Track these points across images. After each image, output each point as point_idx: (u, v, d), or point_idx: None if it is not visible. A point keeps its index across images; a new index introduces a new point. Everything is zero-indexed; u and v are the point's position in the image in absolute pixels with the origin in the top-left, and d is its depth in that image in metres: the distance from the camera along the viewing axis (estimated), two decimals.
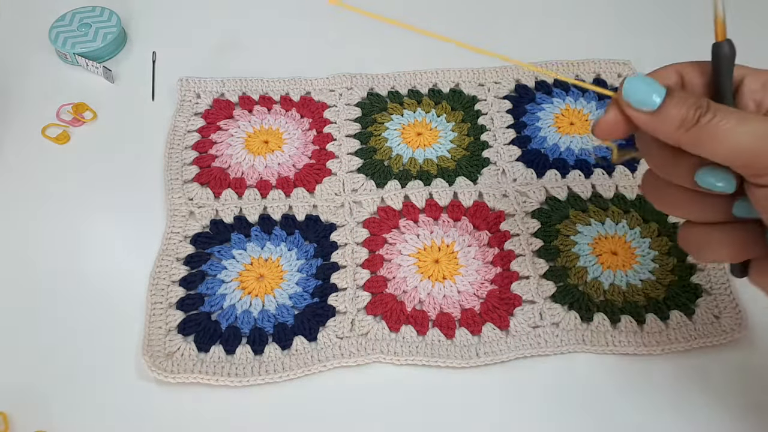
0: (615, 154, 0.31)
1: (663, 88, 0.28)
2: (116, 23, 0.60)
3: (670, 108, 0.27)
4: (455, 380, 0.41)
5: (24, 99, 0.56)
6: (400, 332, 0.42)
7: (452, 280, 0.45)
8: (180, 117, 0.54)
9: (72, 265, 0.46)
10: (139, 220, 0.48)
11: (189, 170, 0.51)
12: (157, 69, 0.59)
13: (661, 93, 0.27)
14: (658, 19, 0.65)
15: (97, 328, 0.43)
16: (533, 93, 0.57)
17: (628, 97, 0.28)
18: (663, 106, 0.27)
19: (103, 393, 0.40)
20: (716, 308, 0.43)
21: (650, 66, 0.59)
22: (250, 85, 0.57)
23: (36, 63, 0.59)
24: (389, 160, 0.52)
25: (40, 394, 0.40)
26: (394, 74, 0.58)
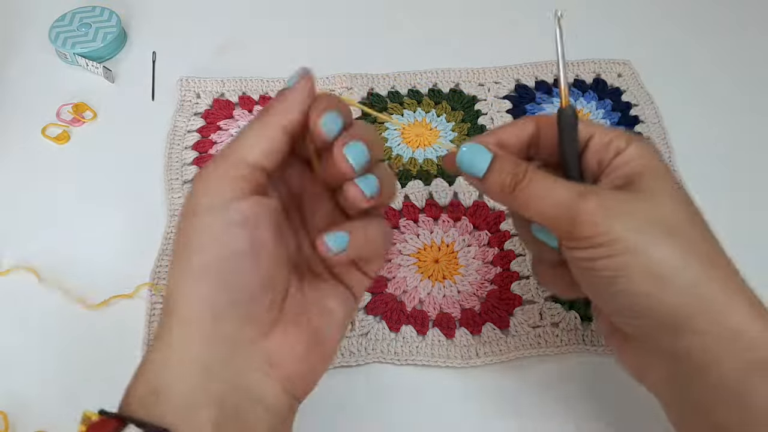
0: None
1: (489, 156, 0.30)
2: (116, 23, 0.60)
3: (492, 176, 0.30)
4: (455, 380, 0.41)
5: (24, 99, 0.56)
6: (400, 332, 0.42)
7: (452, 280, 0.45)
8: (180, 117, 0.54)
9: (72, 265, 0.46)
10: (139, 220, 0.48)
11: (189, 170, 0.51)
12: (157, 69, 0.59)
13: (486, 161, 0.30)
14: (658, 19, 0.65)
15: (98, 328, 0.43)
16: (533, 93, 0.57)
17: (460, 164, 0.31)
18: (486, 173, 0.30)
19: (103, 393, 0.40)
20: None
21: (650, 66, 0.60)
22: (250, 85, 0.57)
23: (36, 63, 0.59)
24: (389, 160, 0.52)
25: (40, 394, 0.40)
26: (394, 74, 0.58)
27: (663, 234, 0.28)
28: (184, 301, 0.27)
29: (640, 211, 0.28)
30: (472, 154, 0.31)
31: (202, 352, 0.26)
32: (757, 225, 0.49)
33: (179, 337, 0.26)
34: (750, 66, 0.60)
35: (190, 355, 0.26)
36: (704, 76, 0.59)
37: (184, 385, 0.26)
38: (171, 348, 0.26)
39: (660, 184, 0.29)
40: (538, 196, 0.29)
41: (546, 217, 0.29)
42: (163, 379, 0.26)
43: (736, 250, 0.46)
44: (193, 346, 0.26)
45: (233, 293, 0.27)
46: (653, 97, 0.56)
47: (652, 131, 0.54)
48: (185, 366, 0.26)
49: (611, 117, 0.55)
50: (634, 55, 0.60)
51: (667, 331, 0.28)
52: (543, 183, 0.29)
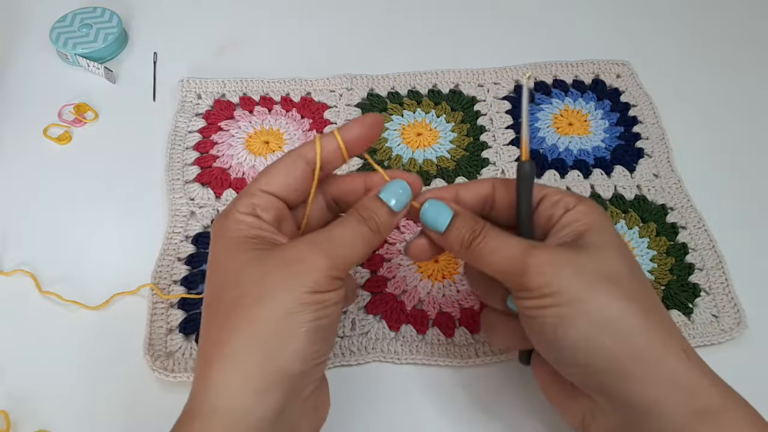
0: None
1: (450, 213, 0.33)
2: (117, 24, 0.60)
3: (452, 232, 0.33)
4: (455, 379, 0.41)
5: (25, 99, 0.57)
6: (400, 332, 0.43)
7: (452, 280, 0.45)
8: (181, 117, 0.54)
9: (73, 265, 0.46)
10: (140, 220, 0.49)
11: (190, 170, 0.51)
12: (158, 69, 0.59)
13: (448, 218, 0.33)
14: (657, 19, 0.65)
15: (98, 328, 0.43)
16: (532, 93, 0.57)
17: (424, 220, 0.33)
18: (447, 229, 0.33)
19: (104, 392, 0.40)
20: (715, 308, 0.44)
21: (649, 66, 0.60)
22: (250, 85, 0.57)
23: (37, 64, 0.59)
24: (389, 160, 0.52)
25: (40, 394, 0.40)
26: (394, 75, 0.58)
27: (604, 285, 0.29)
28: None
29: (584, 264, 0.30)
30: (435, 211, 0.33)
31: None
32: (756, 225, 0.49)
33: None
34: (749, 66, 0.60)
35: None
36: (703, 76, 0.59)
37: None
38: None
39: (604, 239, 0.31)
40: (492, 251, 0.31)
41: (498, 270, 0.31)
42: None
43: (735, 250, 0.46)
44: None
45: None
46: (652, 97, 0.56)
47: (651, 131, 0.54)
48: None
49: (610, 117, 0.55)
50: (633, 55, 0.60)
51: (608, 376, 0.29)
52: (497, 239, 0.32)
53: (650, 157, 0.52)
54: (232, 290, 0.29)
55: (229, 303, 0.28)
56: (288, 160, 0.32)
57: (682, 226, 0.48)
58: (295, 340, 0.28)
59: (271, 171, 0.32)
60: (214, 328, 0.29)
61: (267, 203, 0.31)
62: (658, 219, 0.48)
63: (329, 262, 0.29)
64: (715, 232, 0.47)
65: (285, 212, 0.32)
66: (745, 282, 0.45)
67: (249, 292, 0.28)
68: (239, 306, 0.28)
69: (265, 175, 0.32)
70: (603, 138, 0.54)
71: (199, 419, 0.27)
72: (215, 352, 0.28)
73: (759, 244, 0.48)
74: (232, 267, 0.29)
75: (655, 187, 0.50)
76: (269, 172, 0.32)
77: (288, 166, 0.32)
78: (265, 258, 0.29)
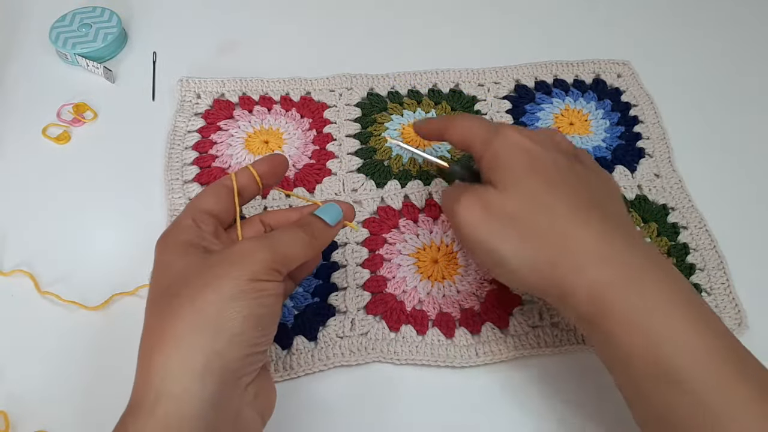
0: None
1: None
2: (116, 23, 0.60)
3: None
4: (455, 380, 0.41)
5: (24, 99, 0.56)
6: (400, 332, 0.42)
7: (452, 280, 0.45)
8: (180, 117, 0.54)
9: (72, 265, 0.46)
10: (139, 220, 0.48)
11: (189, 170, 0.51)
12: (157, 69, 0.59)
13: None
14: (658, 19, 0.65)
15: (98, 329, 0.43)
16: (533, 93, 0.57)
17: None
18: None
19: (103, 393, 0.40)
20: (716, 308, 0.44)
21: (650, 66, 0.60)
22: (250, 85, 0.57)
23: (36, 63, 0.59)
24: (389, 160, 0.52)
25: (39, 395, 0.40)
26: (394, 74, 0.58)
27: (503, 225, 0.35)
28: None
29: (492, 201, 0.36)
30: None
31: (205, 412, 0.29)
32: (757, 225, 0.49)
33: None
34: (749, 66, 0.60)
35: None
36: (704, 76, 0.59)
37: None
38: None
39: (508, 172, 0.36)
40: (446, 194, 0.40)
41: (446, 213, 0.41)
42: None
43: (736, 250, 0.46)
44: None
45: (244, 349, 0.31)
46: (653, 97, 0.56)
47: (652, 131, 0.54)
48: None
49: (611, 117, 0.55)
50: (633, 55, 0.60)
51: (554, 303, 0.35)
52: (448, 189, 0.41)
53: (651, 157, 0.52)
54: (176, 285, 0.31)
55: (172, 295, 0.31)
56: (213, 187, 0.37)
57: (683, 227, 0.48)
58: (234, 325, 0.30)
59: (201, 196, 0.36)
60: (157, 318, 0.31)
61: (205, 218, 0.35)
62: (659, 219, 0.48)
63: (270, 255, 0.32)
64: (716, 232, 0.47)
65: (220, 228, 0.36)
66: (746, 283, 0.45)
67: (193, 282, 0.31)
68: (182, 295, 0.30)
69: (197, 199, 0.36)
70: (604, 138, 0.54)
71: (144, 407, 0.29)
72: (157, 340, 0.30)
73: (760, 245, 0.48)
74: (178, 266, 0.32)
75: (656, 187, 0.50)
76: (200, 197, 0.36)
77: (214, 192, 0.36)
78: (210, 256, 0.32)
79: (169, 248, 0.33)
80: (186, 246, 0.33)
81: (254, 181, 0.38)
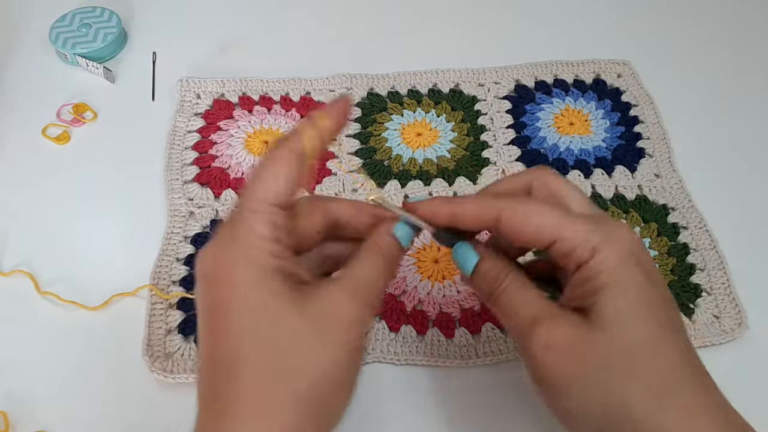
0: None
1: (474, 258, 0.31)
2: (116, 23, 0.60)
3: (476, 277, 0.31)
4: (455, 380, 0.41)
5: (24, 99, 0.56)
6: (400, 332, 0.42)
7: (452, 280, 0.45)
8: (180, 117, 0.54)
9: (72, 265, 0.46)
10: (139, 221, 0.48)
11: (189, 170, 0.51)
12: (157, 69, 0.59)
13: (472, 262, 0.31)
14: (658, 19, 0.65)
15: (97, 329, 0.43)
16: (533, 93, 0.57)
17: (455, 260, 0.32)
18: (473, 274, 0.31)
19: (103, 393, 0.40)
20: (716, 308, 0.43)
21: (650, 66, 0.60)
22: (250, 85, 0.57)
23: (36, 63, 0.59)
24: (389, 160, 0.52)
25: (40, 395, 0.40)
26: (394, 74, 0.58)
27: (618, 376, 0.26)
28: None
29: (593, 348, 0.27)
30: (462, 255, 0.32)
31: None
32: (757, 225, 0.49)
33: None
34: (750, 66, 0.60)
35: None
36: (704, 76, 0.59)
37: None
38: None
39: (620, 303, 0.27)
40: (508, 306, 0.30)
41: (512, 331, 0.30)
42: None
43: (736, 250, 0.46)
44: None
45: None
46: (653, 97, 0.56)
47: (652, 131, 0.54)
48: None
49: (611, 117, 0.55)
50: (634, 55, 0.60)
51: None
52: (516, 295, 0.29)
53: (651, 157, 0.52)
54: (267, 337, 0.25)
55: (265, 352, 0.25)
56: (281, 158, 0.27)
57: (683, 227, 0.48)
58: (333, 398, 0.26)
59: (272, 174, 0.27)
60: (245, 377, 0.25)
61: (281, 220, 0.27)
62: (659, 219, 0.48)
63: (365, 313, 0.27)
64: (717, 232, 0.47)
65: (289, 226, 0.28)
66: (746, 282, 0.45)
67: (289, 345, 0.25)
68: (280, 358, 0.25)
69: (270, 179, 0.26)
70: (604, 138, 0.54)
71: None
72: (250, 405, 0.24)
73: (760, 245, 0.48)
74: (265, 310, 0.25)
75: (656, 187, 0.50)
76: (273, 175, 0.27)
77: (285, 166, 0.27)
78: (303, 306, 0.26)
79: (244, 278, 0.25)
80: (267, 277, 0.25)
81: (321, 140, 0.28)
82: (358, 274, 0.28)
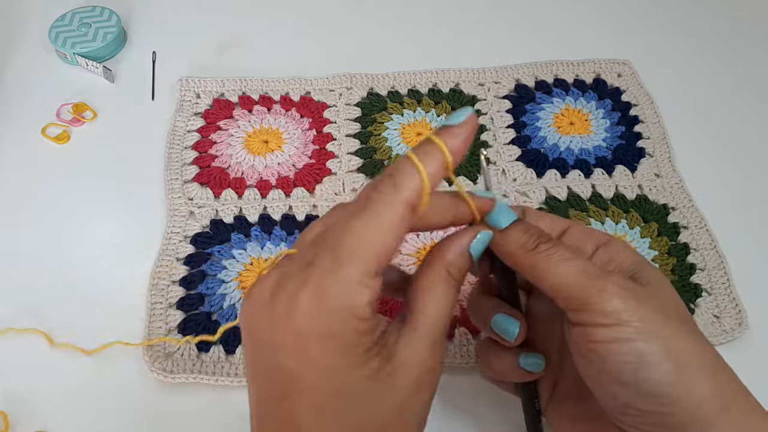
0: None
1: (514, 215, 0.30)
2: (116, 23, 0.60)
3: (514, 230, 0.29)
4: (455, 380, 0.41)
5: (24, 99, 0.56)
6: None
7: None
8: (180, 117, 0.54)
9: (72, 265, 0.46)
10: (139, 220, 0.48)
11: (189, 170, 0.51)
12: (157, 69, 0.59)
13: (511, 218, 0.29)
14: (659, 19, 0.65)
15: (97, 329, 0.43)
16: (533, 93, 0.57)
17: (491, 218, 0.29)
18: (510, 227, 0.29)
19: (103, 393, 0.40)
20: (716, 308, 0.43)
21: (650, 66, 0.59)
22: (249, 84, 0.57)
23: (36, 63, 0.59)
24: (389, 159, 0.52)
25: (40, 395, 0.40)
26: (394, 74, 0.58)
27: (679, 325, 0.27)
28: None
29: (654, 300, 0.27)
30: (502, 210, 0.30)
31: None
32: (757, 225, 0.49)
33: None
34: (751, 66, 0.60)
35: None
36: (704, 75, 0.59)
37: None
38: None
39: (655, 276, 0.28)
40: (560, 261, 0.27)
41: (566, 283, 0.27)
42: None
43: (736, 250, 0.46)
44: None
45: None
46: (653, 96, 0.56)
47: (652, 131, 0.54)
48: None
49: (611, 117, 0.55)
50: (634, 55, 0.59)
51: (694, 427, 0.25)
52: (568, 250, 0.28)
53: (651, 156, 0.52)
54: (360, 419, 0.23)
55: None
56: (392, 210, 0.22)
57: (683, 226, 0.48)
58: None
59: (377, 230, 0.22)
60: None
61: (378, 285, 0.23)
62: (659, 219, 0.48)
63: (435, 362, 0.26)
64: (717, 232, 0.47)
65: None
66: (746, 282, 0.45)
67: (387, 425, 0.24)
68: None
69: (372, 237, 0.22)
70: (604, 137, 0.54)
71: None
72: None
73: (761, 245, 0.48)
74: (343, 393, 0.22)
75: (656, 186, 0.50)
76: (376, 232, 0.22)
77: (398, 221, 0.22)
78: (393, 377, 0.24)
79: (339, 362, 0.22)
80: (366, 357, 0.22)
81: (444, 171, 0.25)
82: (431, 315, 0.26)
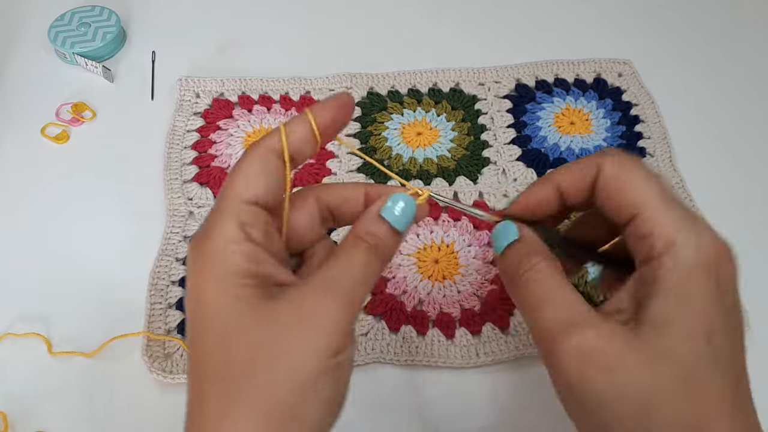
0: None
1: (513, 235, 0.28)
2: (115, 23, 0.60)
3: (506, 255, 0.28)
4: (455, 380, 0.41)
5: (23, 99, 0.56)
6: (400, 332, 0.42)
7: (452, 280, 0.45)
8: (179, 116, 0.54)
9: (71, 265, 0.46)
10: (138, 220, 0.48)
11: (188, 170, 0.51)
12: (156, 68, 0.58)
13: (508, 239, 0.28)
14: (659, 18, 0.64)
15: (97, 329, 0.43)
16: (533, 92, 0.57)
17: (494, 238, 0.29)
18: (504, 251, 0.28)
19: (102, 393, 0.40)
20: None
21: (650, 66, 0.59)
22: (249, 84, 0.57)
23: (35, 63, 0.59)
24: (389, 159, 0.52)
25: (40, 394, 0.40)
26: (394, 73, 0.58)
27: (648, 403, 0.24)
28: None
29: (633, 362, 0.24)
30: (504, 227, 0.29)
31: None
32: (758, 224, 0.49)
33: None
34: (751, 65, 0.60)
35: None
36: (705, 75, 0.59)
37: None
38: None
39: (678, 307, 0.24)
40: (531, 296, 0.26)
41: (535, 329, 0.26)
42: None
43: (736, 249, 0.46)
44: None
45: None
46: (654, 96, 0.56)
47: (653, 131, 0.54)
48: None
49: (612, 116, 0.55)
50: (634, 54, 0.59)
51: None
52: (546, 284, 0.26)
53: (652, 156, 0.52)
54: (233, 352, 0.23)
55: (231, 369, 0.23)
56: (258, 155, 0.25)
57: None
58: (314, 413, 0.23)
59: (244, 172, 0.25)
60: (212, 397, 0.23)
61: (254, 218, 0.25)
62: None
63: (345, 313, 0.24)
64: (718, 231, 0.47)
65: (270, 225, 0.26)
66: (746, 282, 0.44)
67: (257, 357, 0.23)
68: (246, 375, 0.23)
69: (240, 179, 0.25)
70: (605, 137, 0.54)
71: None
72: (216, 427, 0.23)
73: (761, 245, 0.48)
74: (232, 322, 0.23)
75: None
76: (244, 174, 0.25)
77: (260, 165, 0.25)
78: (274, 311, 0.24)
79: (212, 283, 0.24)
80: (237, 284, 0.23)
81: (311, 135, 0.26)
82: (337, 269, 0.25)
